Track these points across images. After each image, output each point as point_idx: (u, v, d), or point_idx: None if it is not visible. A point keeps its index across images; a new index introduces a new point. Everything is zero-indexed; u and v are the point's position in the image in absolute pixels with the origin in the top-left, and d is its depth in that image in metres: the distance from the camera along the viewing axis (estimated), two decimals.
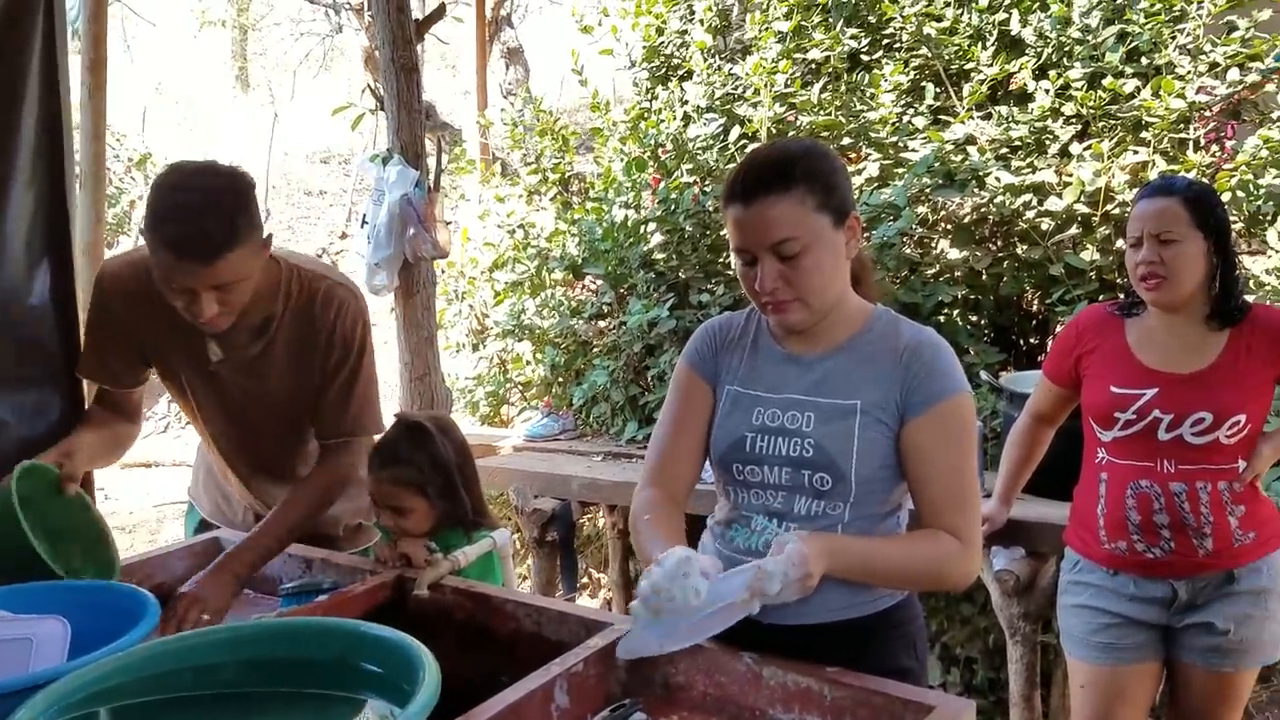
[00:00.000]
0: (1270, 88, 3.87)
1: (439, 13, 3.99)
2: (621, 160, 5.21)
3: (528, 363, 5.33)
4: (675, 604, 1.36)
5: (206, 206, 1.79)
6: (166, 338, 2.06)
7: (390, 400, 6.66)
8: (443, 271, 5.88)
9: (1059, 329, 3.96)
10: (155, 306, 1.96)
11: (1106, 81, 3.91)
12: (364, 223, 3.71)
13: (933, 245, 4.21)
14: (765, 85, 4.58)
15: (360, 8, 8.22)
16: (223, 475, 2.36)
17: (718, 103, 4.94)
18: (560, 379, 5.08)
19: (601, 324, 5.02)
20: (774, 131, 4.55)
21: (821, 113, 4.52)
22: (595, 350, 4.91)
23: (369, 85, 3.76)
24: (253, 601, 2.11)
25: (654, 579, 1.37)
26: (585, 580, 4.88)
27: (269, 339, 2.07)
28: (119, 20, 14.63)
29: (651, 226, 4.78)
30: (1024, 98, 4.27)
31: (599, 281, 5.00)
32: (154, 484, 7.23)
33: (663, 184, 4.81)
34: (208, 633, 1.41)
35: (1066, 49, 4.20)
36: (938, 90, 4.48)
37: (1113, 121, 3.97)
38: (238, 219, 1.81)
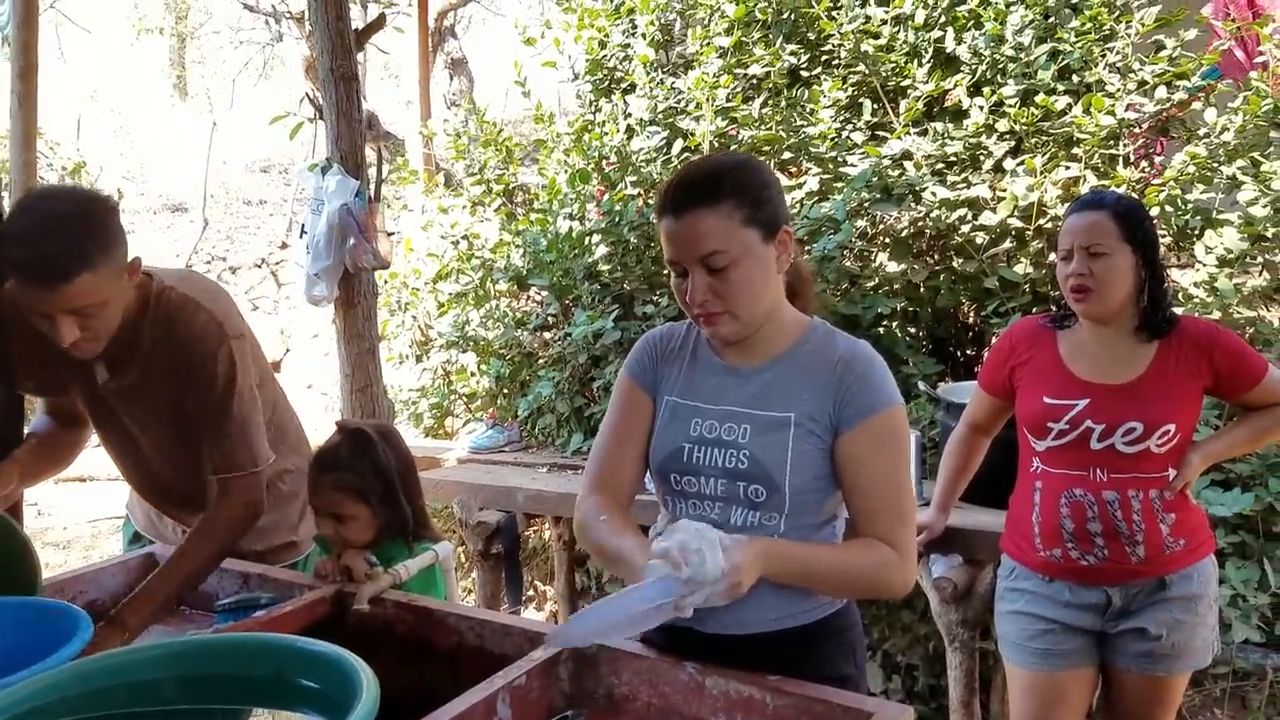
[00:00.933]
0: (1197, 105, 3.97)
1: (379, 22, 3.97)
2: (566, 172, 5.21)
3: (472, 374, 5.30)
4: (701, 565, 1.36)
5: (49, 230, 1.75)
6: (62, 356, 1.97)
7: (332, 412, 6.59)
8: (385, 282, 5.83)
9: (994, 340, 4.04)
10: None
11: (1039, 98, 4.00)
12: (303, 233, 3.67)
13: (872, 258, 4.27)
14: (707, 99, 4.62)
15: (301, 17, 8.14)
16: (142, 500, 2.32)
17: (660, 116, 4.96)
18: (505, 390, 5.06)
19: (546, 335, 5.01)
20: (716, 145, 4.58)
21: (762, 127, 4.56)
22: (540, 361, 4.90)
23: (307, 94, 3.72)
24: (189, 618, 2.08)
25: (680, 537, 1.38)
26: (531, 593, 4.86)
27: (143, 362, 2.02)
28: (53, 27, 14.32)
29: (596, 238, 4.79)
30: (959, 114, 4.34)
31: (544, 293, 5.00)
32: (88, 499, 7.06)
33: (607, 196, 4.82)
34: (143, 649, 1.38)
35: (1000, 67, 4.28)
36: (875, 106, 4.55)
37: (1045, 138, 4.06)
38: (85, 243, 1.77)
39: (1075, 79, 4.14)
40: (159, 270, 2.07)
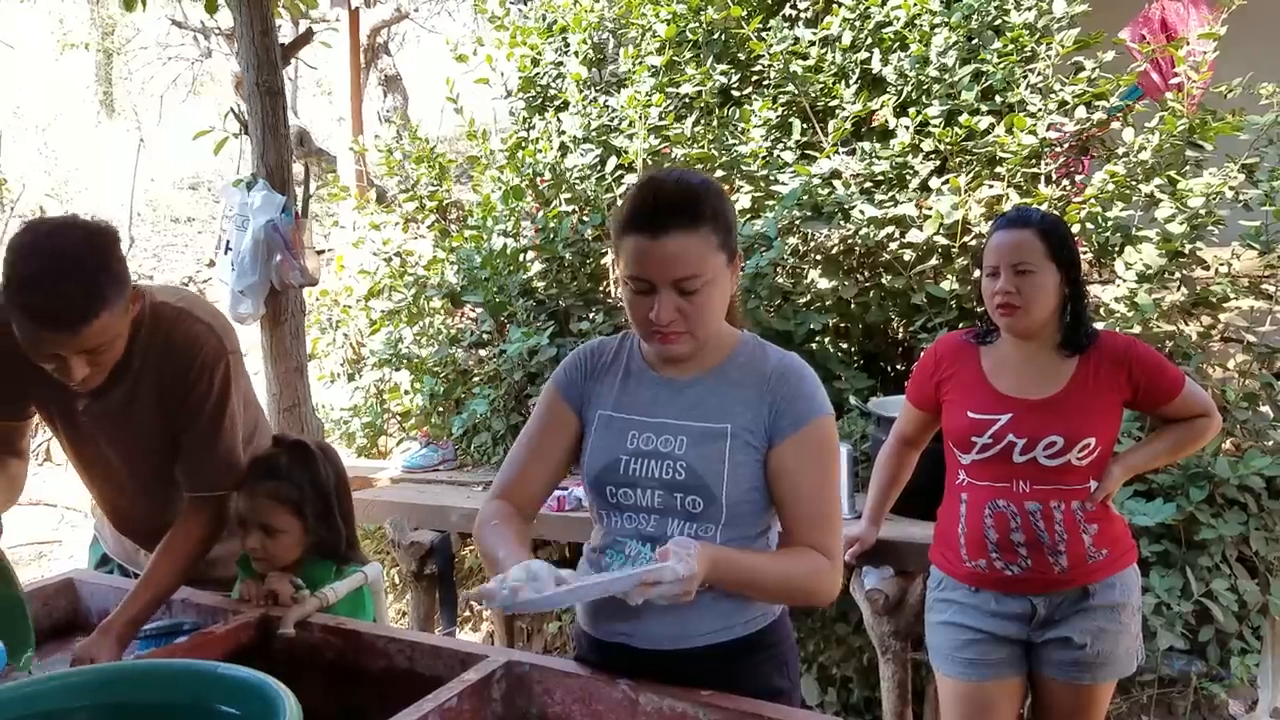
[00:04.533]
0: (1116, 125, 4.08)
1: (305, 37, 3.93)
2: (500, 189, 5.20)
3: (406, 392, 5.24)
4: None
5: (67, 272, 1.67)
6: (36, 376, 1.89)
7: None
8: (315, 300, 5.75)
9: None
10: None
11: (963, 119, 4.08)
12: (227, 249, 3.60)
13: (803, 275, 4.31)
14: (640, 117, 4.64)
15: (230, 33, 8.03)
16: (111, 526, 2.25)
17: (594, 133, 4.98)
18: (439, 408, 5.01)
19: (481, 352, 4.97)
20: (649, 162, 4.61)
21: (695, 145, 4.60)
22: (475, 379, 4.87)
23: (232, 109, 3.66)
24: None
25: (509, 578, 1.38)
26: (466, 614, 4.81)
27: (132, 382, 1.96)
28: None
29: (530, 255, 4.78)
30: (886, 134, 4.41)
31: (478, 310, 4.97)
32: (11, 525, 6.82)
33: (541, 213, 4.81)
34: (59, 676, 1.34)
35: (925, 87, 4.36)
36: (804, 126, 4.61)
37: (969, 157, 4.14)
38: (102, 282, 1.71)
39: (998, 99, 4.23)
40: (148, 287, 2.00)
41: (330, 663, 1.83)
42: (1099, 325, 2.44)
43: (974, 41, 4.36)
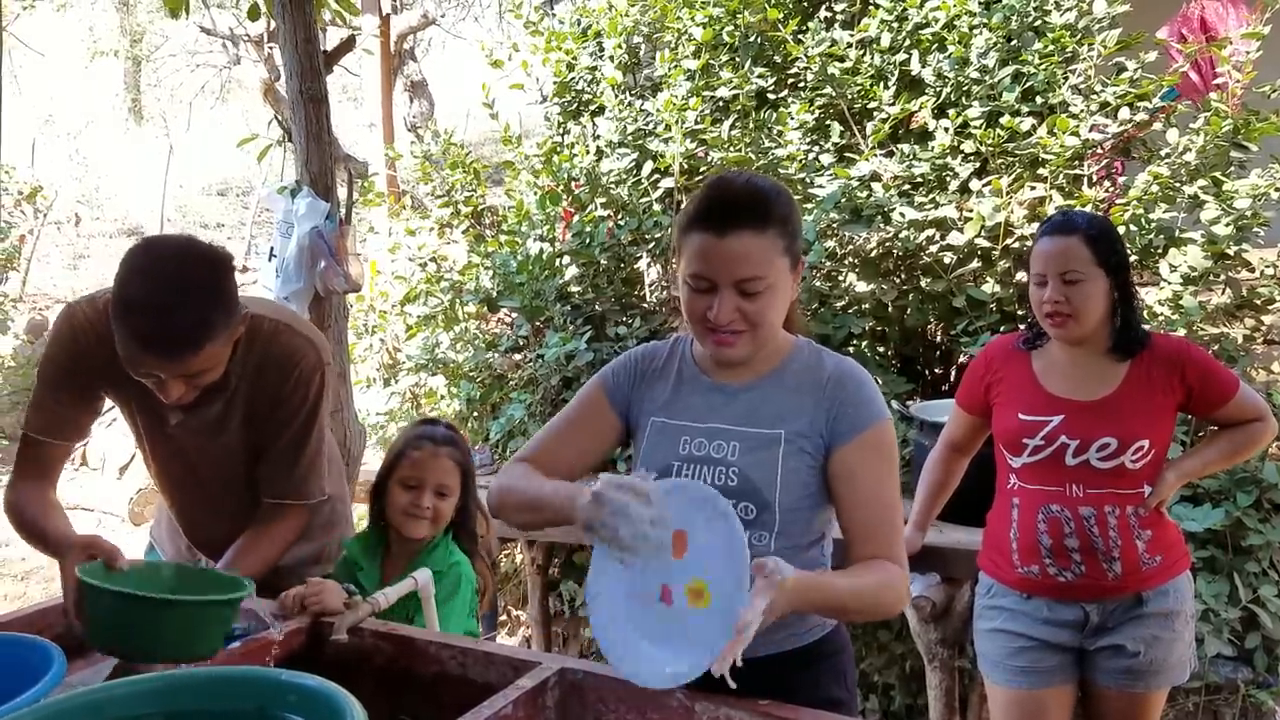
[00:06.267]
0: (1158, 126, 4.04)
1: (348, 44, 3.94)
2: (534, 193, 5.21)
3: (442, 397, 5.26)
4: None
5: (179, 303, 1.66)
6: (130, 385, 1.86)
7: None
8: (352, 305, 5.78)
9: (963, 359, 4.07)
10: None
11: (1004, 120, 4.04)
12: (271, 255, 3.62)
13: (841, 279, 4.29)
14: (676, 121, 4.63)
15: (259, 40, 8.07)
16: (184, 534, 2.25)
17: (629, 138, 4.97)
18: (476, 413, 5.02)
19: (517, 357, 4.98)
20: (685, 167, 4.60)
21: (731, 149, 4.58)
22: (512, 383, 4.87)
23: (276, 117, 3.68)
24: None
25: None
26: (504, 618, 4.81)
27: (228, 399, 1.96)
28: (5, 51, 14.13)
29: (566, 259, 4.78)
30: (925, 136, 4.38)
31: (514, 314, 4.97)
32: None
33: (576, 218, 4.81)
34: (122, 684, 1.34)
35: (965, 89, 4.33)
36: (842, 129, 4.59)
37: (1010, 158, 4.10)
38: (213, 314, 1.70)
39: (1039, 100, 4.19)
40: (247, 300, 1.96)
41: (381, 668, 1.83)
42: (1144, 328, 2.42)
43: (1014, 42, 4.32)
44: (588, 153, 5.08)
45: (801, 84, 4.78)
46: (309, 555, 2.21)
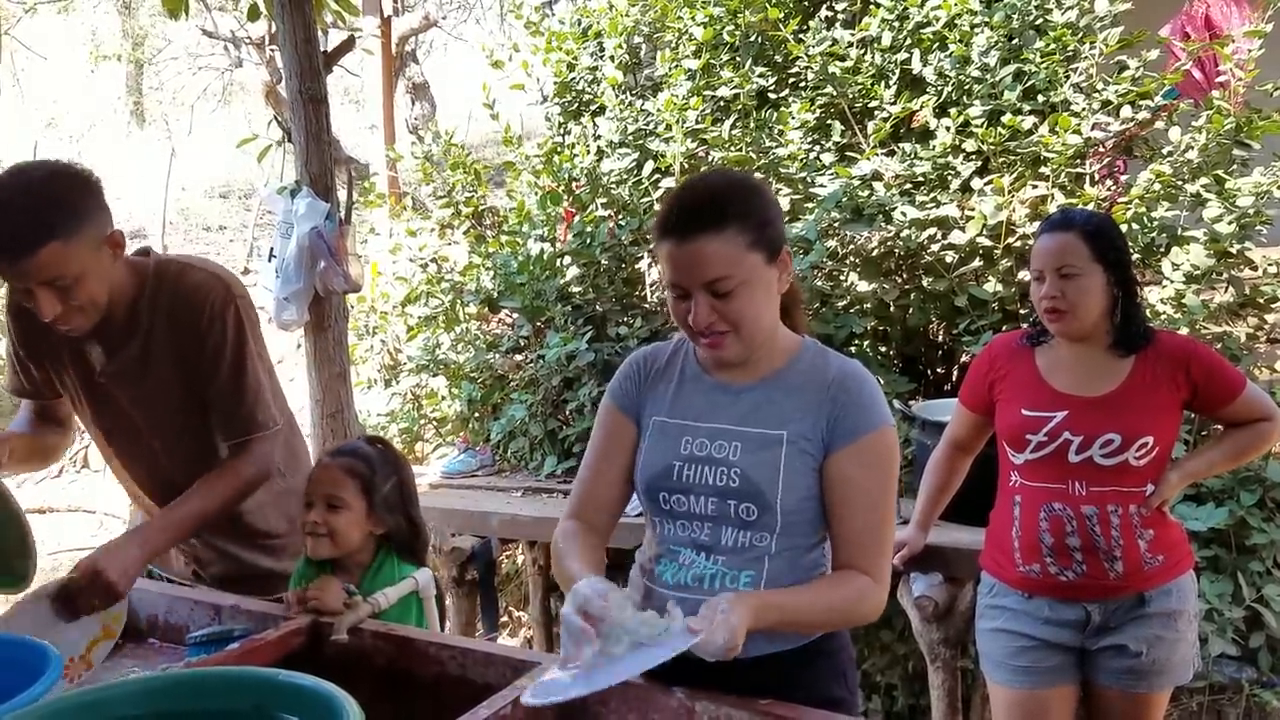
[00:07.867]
0: (1160, 124, 4.03)
1: (348, 44, 3.94)
2: (535, 194, 5.20)
3: (443, 398, 5.26)
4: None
5: (13, 203, 1.76)
6: (57, 347, 2.00)
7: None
8: (353, 306, 5.78)
9: (965, 358, 4.06)
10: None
11: (1005, 118, 4.04)
12: (271, 256, 3.62)
13: (843, 278, 4.28)
14: (677, 121, 4.63)
15: (260, 42, 8.07)
16: (146, 513, 2.26)
17: (630, 138, 4.97)
18: (477, 414, 5.02)
19: (518, 357, 4.98)
20: (686, 166, 4.59)
21: (732, 148, 4.58)
22: (513, 384, 4.87)
23: (275, 117, 3.68)
24: (159, 651, 2.02)
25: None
26: (505, 619, 4.80)
27: (144, 339, 2.01)
28: (8, 54, 14.16)
29: (567, 260, 4.77)
30: (926, 135, 4.37)
31: (515, 315, 4.97)
32: (50, 531, 6.92)
33: (577, 218, 4.81)
34: (119, 685, 1.33)
35: (966, 87, 4.32)
36: (843, 128, 4.58)
37: (1012, 157, 4.09)
38: (50, 213, 1.77)
39: (1040, 99, 4.19)
40: (160, 254, 2.08)
41: (381, 669, 1.82)
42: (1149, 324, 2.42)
43: (1015, 41, 4.32)
44: (588, 153, 5.07)
45: (802, 83, 4.78)
46: (290, 545, 2.22)
